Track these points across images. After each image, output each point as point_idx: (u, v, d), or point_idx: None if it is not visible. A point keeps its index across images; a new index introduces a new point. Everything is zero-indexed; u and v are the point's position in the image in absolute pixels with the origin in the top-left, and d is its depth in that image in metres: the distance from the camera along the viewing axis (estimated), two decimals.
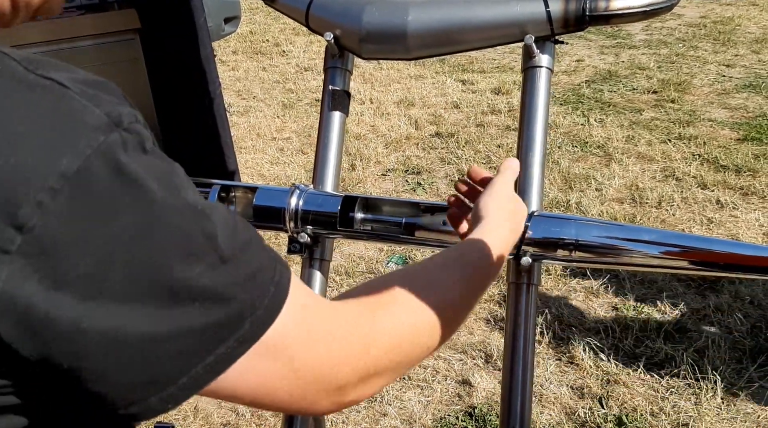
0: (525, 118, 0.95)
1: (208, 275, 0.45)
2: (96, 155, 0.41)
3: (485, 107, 4.43)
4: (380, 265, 2.74)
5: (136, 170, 0.42)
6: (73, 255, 0.40)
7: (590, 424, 1.92)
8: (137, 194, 0.42)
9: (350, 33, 0.98)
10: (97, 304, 0.41)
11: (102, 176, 0.41)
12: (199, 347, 0.45)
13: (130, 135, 0.43)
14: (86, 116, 0.42)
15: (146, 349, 0.43)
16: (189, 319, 0.44)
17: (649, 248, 0.87)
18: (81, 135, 0.41)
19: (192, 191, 0.47)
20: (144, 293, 0.42)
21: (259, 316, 0.48)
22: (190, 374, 0.45)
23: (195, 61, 1.69)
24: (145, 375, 0.43)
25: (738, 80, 4.66)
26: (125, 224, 0.42)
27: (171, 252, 0.43)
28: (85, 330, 0.41)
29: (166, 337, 0.43)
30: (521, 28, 0.92)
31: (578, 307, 2.41)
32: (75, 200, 0.40)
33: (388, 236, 0.95)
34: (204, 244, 0.45)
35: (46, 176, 0.39)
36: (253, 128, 4.32)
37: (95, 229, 0.41)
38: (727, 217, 2.92)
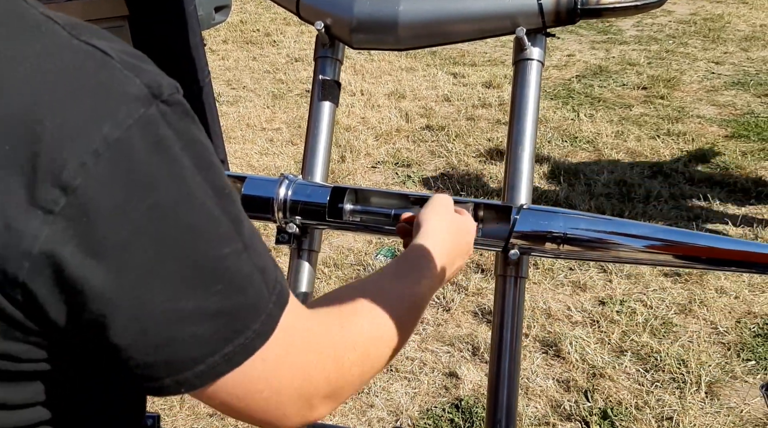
0: (515, 110, 0.95)
1: (232, 260, 0.45)
2: (136, 127, 0.41)
3: (476, 101, 4.43)
4: (369, 257, 2.74)
5: (173, 145, 0.43)
6: (111, 223, 0.40)
7: (576, 417, 1.93)
8: (172, 170, 0.43)
9: (341, 22, 0.97)
10: (126, 275, 0.41)
11: (140, 149, 0.41)
12: (219, 334, 0.45)
13: (169, 107, 0.44)
14: (127, 85, 0.42)
15: (168, 326, 0.43)
16: (212, 301, 0.44)
17: (636, 242, 0.87)
18: (122, 104, 0.41)
19: (222, 173, 0.48)
20: (171, 268, 0.43)
21: (272, 311, 0.48)
22: (207, 362, 0.45)
23: (184, 48, 1.68)
24: (164, 355, 0.44)
25: (727, 77, 4.68)
26: (160, 199, 0.42)
27: (200, 231, 0.44)
28: (111, 299, 0.41)
29: (187, 316, 0.43)
30: (513, 21, 0.92)
31: (565, 301, 2.43)
32: (115, 166, 0.40)
33: (377, 228, 0.95)
34: (230, 228, 0.46)
35: (91, 138, 0.40)
36: (243, 118, 4.29)
37: (132, 200, 0.41)
38: (714, 213, 2.95)
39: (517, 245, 0.88)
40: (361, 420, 1.96)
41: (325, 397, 0.53)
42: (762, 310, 2.32)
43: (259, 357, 0.47)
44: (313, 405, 0.52)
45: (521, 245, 0.88)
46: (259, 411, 0.49)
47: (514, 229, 0.87)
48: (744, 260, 0.85)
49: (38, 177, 0.39)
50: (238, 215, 0.47)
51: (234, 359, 0.46)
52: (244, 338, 0.46)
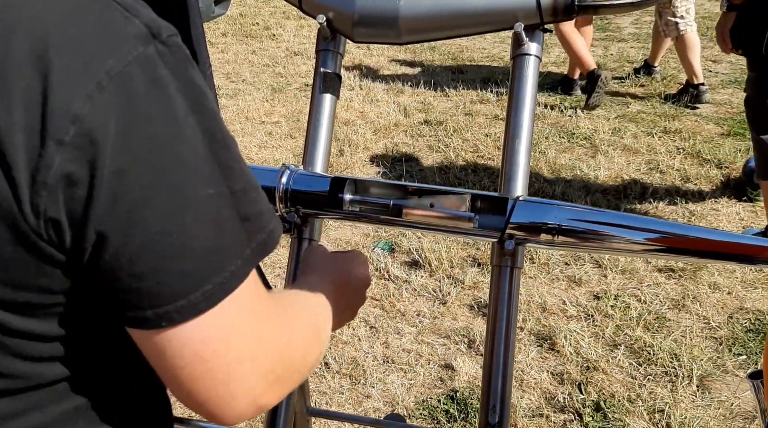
0: (512, 105, 0.97)
1: (216, 201, 0.48)
2: (136, 63, 0.45)
3: (474, 96, 4.44)
4: (367, 250, 2.76)
5: (169, 84, 0.46)
6: (113, 150, 0.43)
7: (569, 409, 1.96)
8: (167, 107, 0.46)
9: (343, 16, 0.99)
10: (121, 200, 0.44)
11: (139, 83, 0.44)
12: (201, 271, 0.47)
13: (167, 48, 0.47)
14: (128, 26, 0.46)
15: (156, 257, 0.45)
16: (195, 237, 0.46)
17: (631, 234, 0.89)
18: (123, 42, 0.45)
19: (219, 119, 0.50)
20: (162, 201, 0.45)
21: (248, 256, 0.50)
22: (189, 298, 0.47)
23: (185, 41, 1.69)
24: (149, 285, 0.46)
25: (724, 76, 4.71)
26: (157, 131, 0.45)
27: (188, 169, 0.46)
28: (108, 223, 0.44)
29: (175, 250, 0.46)
30: (511, 16, 0.94)
31: (561, 295, 2.45)
32: (117, 97, 0.44)
33: (376, 218, 0.96)
34: (216, 172, 0.48)
35: (96, 72, 0.43)
36: (242, 112, 4.30)
37: (132, 129, 0.44)
38: (709, 210, 2.97)
39: (513, 235, 0.90)
40: (357, 410, 1.98)
41: (274, 381, 0.53)
42: (754, 306, 2.35)
43: (233, 301, 0.49)
44: (262, 387, 0.51)
45: (517, 236, 0.90)
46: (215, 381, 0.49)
47: (510, 220, 0.89)
48: (734, 252, 0.88)
49: (50, 111, 0.42)
50: (228, 161, 0.49)
51: (213, 296, 0.47)
52: (221, 277, 0.48)
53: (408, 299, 2.46)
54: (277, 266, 2.66)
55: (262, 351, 0.51)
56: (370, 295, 2.47)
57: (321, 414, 1.25)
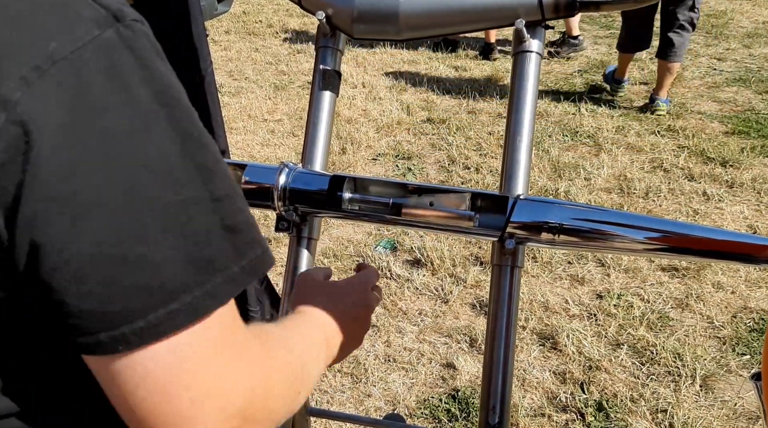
0: (514, 102, 0.96)
1: (188, 207, 0.41)
2: (90, 48, 0.39)
3: (477, 94, 4.43)
4: (368, 249, 2.75)
5: (131, 73, 0.40)
6: (54, 144, 0.37)
7: (571, 409, 1.95)
8: (126, 98, 0.40)
9: (342, 13, 0.98)
10: (64, 203, 0.38)
11: (92, 70, 0.39)
12: (164, 288, 0.40)
13: (133, 33, 0.42)
14: (85, 7, 0.41)
15: (106, 270, 0.39)
16: (160, 249, 0.40)
17: (633, 233, 0.88)
18: (76, 25, 0.39)
19: (195, 118, 0.44)
20: (115, 205, 0.39)
21: (235, 275, 0.43)
22: (148, 318, 0.40)
23: (186, 38, 1.68)
24: (100, 303, 0.39)
25: (728, 74, 4.68)
26: (110, 125, 0.39)
27: (152, 170, 0.40)
28: (45, 230, 0.38)
29: (131, 262, 0.39)
30: (512, 12, 0.93)
31: (563, 294, 2.44)
32: (61, 85, 0.38)
33: (376, 216, 0.96)
34: (192, 174, 0.42)
35: (34, 55, 0.38)
36: (245, 109, 4.30)
37: (79, 122, 0.38)
38: (713, 209, 2.96)
39: (514, 235, 0.89)
40: (358, 409, 1.98)
41: (243, 423, 0.45)
42: (758, 305, 2.34)
43: (206, 326, 0.42)
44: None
45: (517, 235, 0.89)
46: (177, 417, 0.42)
47: (511, 219, 0.88)
48: (738, 252, 0.87)
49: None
50: (207, 163, 0.43)
51: (178, 317, 0.40)
52: (192, 296, 0.41)
53: (410, 298, 2.45)
54: (278, 265, 2.65)
55: (232, 389, 0.44)
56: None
57: (320, 413, 1.25)
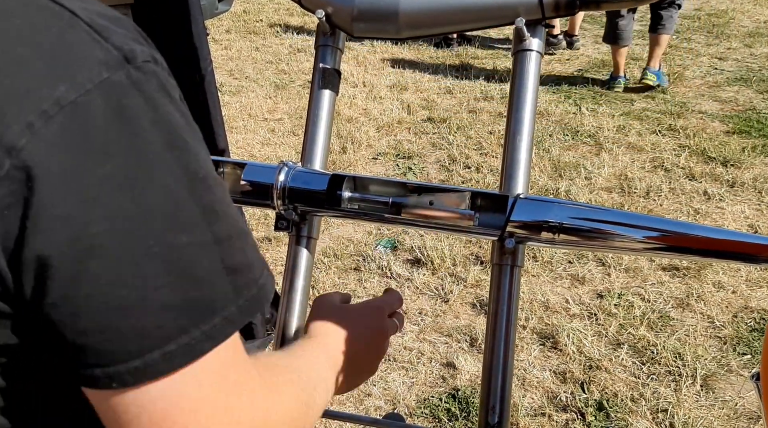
0: (514, 101, 0.95)
1: (191, 250, 0.41)
2: (98, 91, 0.39)
3: (478, 93, 4.43)
4: (369, 248, 2.75)
5: (140, 116, 0.40)
6: (57, 190, 0.38)
7: (571, 408, 1.95)
8: (134, 142, 0.40)
9: (342, 11, 0.98)
10: (66, 246, 0.38)
11: (99, 114, 0.39)
12: (163, 330, 0.40)
13: (143, 75, 0.41)
14: (93, 48, 0.40)
15: (103, 312, 0.39)
16: (160, 293, 0.40)
17: (633, 232, 0.87)
18: (84, 67, 0.39)
19: (203, 159, 0.43)
20: (117, 249, 0.39)
21: (232, 315, 0.43)
22: (145, 358, 0.40)
23: (186, 37, 1.68)
24: (96, 342, 0.40)
25: (729, 73, 4.68)
26: (115, 170, 0.39)
27: (157, 213, 0.40)
28: (47, 271, 0.38)
29: (129, 305, 0.39)
30: (512, 11, 0.92)
31: (564, 294, 2.44)
32: (67, 130, 0.38)
33: (375, 215, 0.95)
34: (197, 217, 0.42)
35: (40, 100, 0.37)
36: (245, 108, 4.30)
37: (83, 166, 0.38)
38: (714, 208, 2.95)
39: (514, 234, 0.89)
40: (358, 409, 1.98)
41: None
42: (759, 305, 2.33)
43: (205, 365, 0.42)
44: None
45: (517, 234, 0.89)
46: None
47: (510, 218, 0.88)
48: (739, 251, 0.86)
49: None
50: (214, 206, 0.43)
51: (175, 359, 0.41)
52: (190, 337, 0.41)
53: (410, 297, 2.45)
54: (278, 264, 2.65)
55: (233, 426, 0.44)
56: (373, 293, 2.47)
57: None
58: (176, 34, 1.69)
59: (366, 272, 2.59)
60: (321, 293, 2.47)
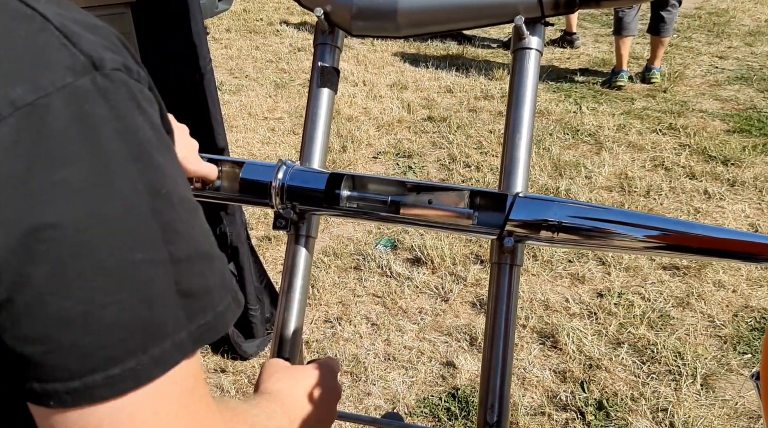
0: (513, 99, 0.95)
1: (144, 268, 0.39)
2: (59, 96, 0.37)
3: (478, 92, 4.42)
4: (369, 247, 2.74)
5: (103, 125, 0.38)
6: (6, 193, 0.36)
7: (571, 407, 1.95)
8: (94, 149, 0.38)
9: (341, 9, 0.97)
10: (15, 252, 0.36)
11: (58, 119, 0.37)
12: (107, 350, 0.38)
13: (111, 83, 0.39)
14: (60, 53, 0.39)
15: (44, 324, 0.37)
16: (107, 310, 0.38)
17: (632, 231, 0.87)
18: (47, 70, 0.38)
19: (169, 176, 0.42)
20: (62, 257, 0.37)
21: (182, 341, 0.41)
22: (84, 380, 0.38)
23: (185, 35, 1.68)
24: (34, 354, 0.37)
25: (730, 72, 4.67)
26: (69, 177, 0.37)
27: (110, 226, 0.38)
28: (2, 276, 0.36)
29: (71, 319, 0.37)
30: (512, 9, 0.92)
31: (564, 293, 2.43)
32: (22, 132, 0.36)
33: (374, 214, 0.95)
34: (155, 234, 0.40)
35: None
36: (245, 107, 4.29)
37: (34, 170, 0.36)
38: (714, 207, 2.95)
39: (513, 233, 0.89)
40: (358, 408, 1.97)
41: None
42: (759, 304, 2.33)
43: (150, 394, 0.39)
44: None
45: (516, 233, 0.89)
46: None
47: (509, 217, 0.87)
48: (738, 250, 0.86)
49: None
50: (175, 224, 0.41)
51: (118, 384, 0.38)
52: (136, 361, 0.38)
53: (410, 297, 2.44)
54: (278, 263, 2.65)
55: None
56: (373, 292, 2.46)
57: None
58: (176, 32, 1.69)
59: (366, 271, 2.59)
60: (320, 292, 2.48)
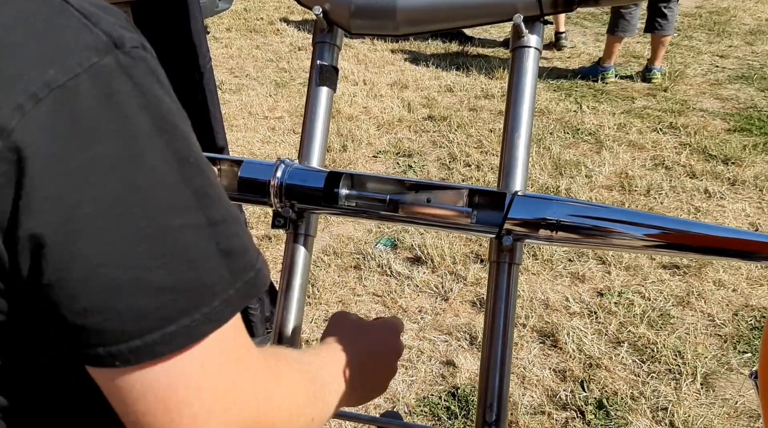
0: (512, 98, 0.95)
1: (185, 233, 0.42)
2: (87, 75, 0.39)
3: (478, 91, 4.42)
4: (369, 246, 2.74)
5: (129, 100, 0.41)
6: (46, 171, 0.38)
7: (571, 407, 1.94)
8: (122, 124, 0.40)
9: (340, 8, 0.97)
10: (58, 228, 0.39)
11: (88, 98, 0.39)
12: (161, 311, 0.41)
13: (132, 60, 0.42)
14: (83, 33, 0.41)
15: (100, 293, 0.40)
16: (155, 274, 0.41)
17: (631, 230, 0.87)
18: (73, 52, 0.40)
19: (193, 144, 0.44)
20: (110, 230, 0.39)
21: (231, 297, 0.44)
22: (145, 339, 0.41)
23: (185, 34, 1.68)
24: (95, 322, 0.40)
25: (731, 71, 4.67)
26: (103, 153, 0.39)
27: (148, 195, 0.41)
28: (42, 251, 0.39)
29: (125, 285, 0.40)
30: (510, 7, 0.92)
31: (564, 292, 2.43)
32: (57, 113, 0.38)
33: (373, 213, 0.95)
34: (189, 199, 0.42)
35: (30, 82, 0.38)
36: (245, 107, 4.29)
37: (71, 149, 0.39)
38: (714, 206, 2.95)
39: (511, 231, 0.89)
40: (357, 407, 1.97)
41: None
42: (759, 303, 2.33)
43: (207, 346, 0.43)
44: None
45: (515, 232, 0.89)
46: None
47: (508, 215, 0.87)
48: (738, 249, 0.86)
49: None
50: (206, 189, 0.44)
51: (175, 340, 0.41)
52: (190, 319, 0.42)
53: (410, 296, 2.44)
54: (278, 262, 2.65)
55: (236, 404, 0.45)
56: (373, 291, 2.46)
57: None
58: (175, 31, 1.69)
59: (366, 271, 2.59)
60: (320, 291, 2.48)
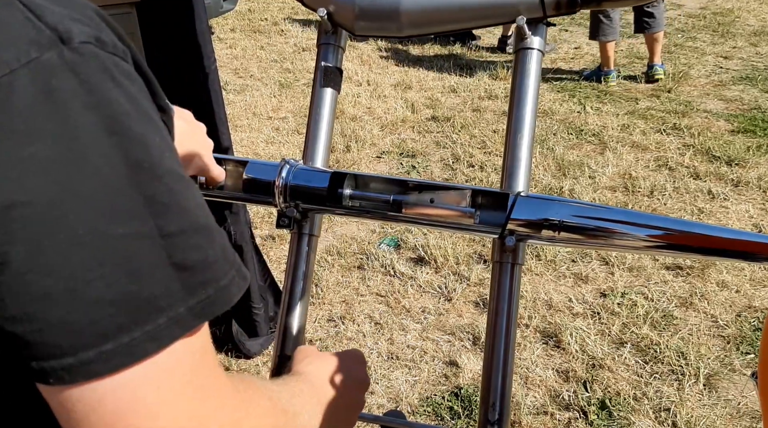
0: (515, 99, 0.95)
1: (128, 242, 0.38)
2: (24, 71, 0.36)
3: (482, 92, 4.42)
4: (372, 246, 2.75)
5: (72, 99, 0.37)
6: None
7: (574, 407, 1.95)
8: (62, 123, 0.37)
9: (344, 9, 0.98)
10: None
11: (24, 95, 0.36)
12: (97, 326, 0.37)
13: (80, 56, 0.38)
14: (25, 27, 0.38)
15: (28, 302, 0.37)
16: (93, 286, 0.37)
17: (634, 230, 0.87)
18: (11, 46, 0.37)
19: (154, 148, 0.40)
20: (41, 237, 0.36)
21: (181, 316, 0.40)
22: (79, 356, 0.37)
23: (190, 35, 1.69)
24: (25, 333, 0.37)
25: (735, 72, 4.66)
26: (39, 153, 0.36)
27: (85, 200, 0.37)
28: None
29: (57, 296, 0.37)
30: (514, 9, 0.92)
31: (567, 293, 2.44)
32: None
33: (376, 213, 0.96)
34: (138, 206, 0.39)
35: None
36: (250, 107, 4.31)
37: (4, 150, 0.36)
38: (718, 207, 2.94)
39: (514, 231, 0.89)
40: None
41: None
42: (762, 304, 2.33)
43: (154, 369, 0.39)
44: None
45: (518, 232, 0.89)
46: None
47: (511, 216, 0.88)
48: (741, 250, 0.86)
49: None
50: (161, 196, 0.40)
51: (113, 359, 0.37)
52: (130, 337, 0.38)
53: (413, 296, 2.45)
54: (282, 262, 2.66)
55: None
56: (376, 291, 2.47)
57: None
58: (180, 32, 1.70)
59: (369, 271, 2.59)
60: (324, 291, 2.49)
